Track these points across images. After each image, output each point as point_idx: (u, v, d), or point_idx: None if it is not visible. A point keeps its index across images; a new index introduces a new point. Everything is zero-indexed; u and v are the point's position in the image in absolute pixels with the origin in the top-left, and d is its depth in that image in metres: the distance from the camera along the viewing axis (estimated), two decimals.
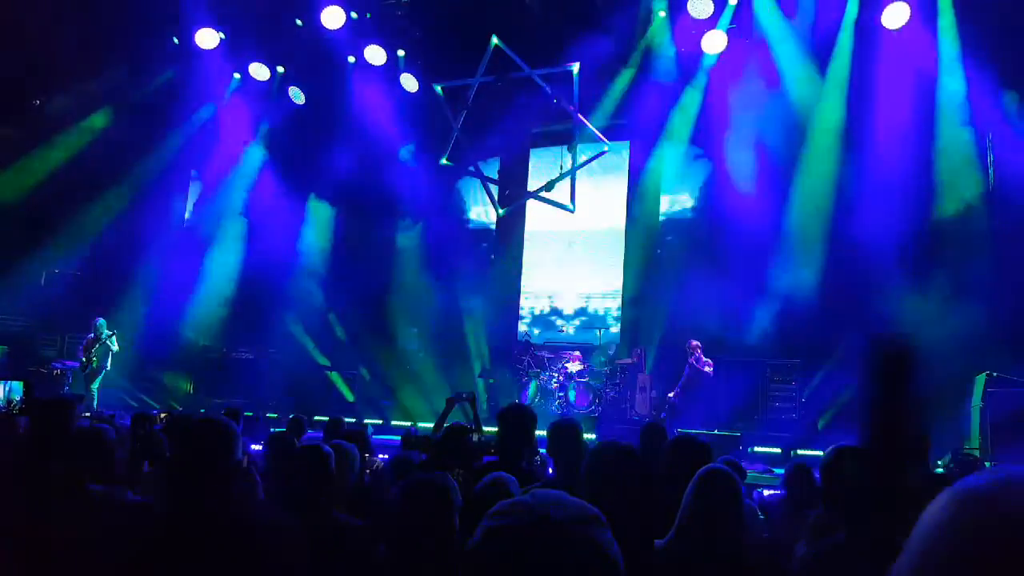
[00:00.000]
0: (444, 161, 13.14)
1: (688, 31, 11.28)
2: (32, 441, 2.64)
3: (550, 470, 4.21)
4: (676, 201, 12.07)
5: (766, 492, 6.03)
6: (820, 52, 10.63)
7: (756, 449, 9.33)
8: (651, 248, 12.35)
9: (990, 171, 9.82)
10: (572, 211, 12.90)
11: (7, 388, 5.22)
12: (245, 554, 2.03)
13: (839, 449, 2.49)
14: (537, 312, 13.54)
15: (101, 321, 11.15)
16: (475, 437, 4.86)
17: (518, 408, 4.01)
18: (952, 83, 9.89)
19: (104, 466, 2.66)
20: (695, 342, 10.01)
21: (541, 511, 0.94)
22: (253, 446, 5.60)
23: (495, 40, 11.80)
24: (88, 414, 7.54)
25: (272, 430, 9.54)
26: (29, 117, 12.89)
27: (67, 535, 2.26)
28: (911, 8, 9.94)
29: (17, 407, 5.11)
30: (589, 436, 6.26)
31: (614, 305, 12.94)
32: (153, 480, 3.01)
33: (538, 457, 4.59)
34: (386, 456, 5.48)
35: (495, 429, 4.00)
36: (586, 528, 0.94)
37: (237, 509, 2.16)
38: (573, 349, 12.26)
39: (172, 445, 2.38)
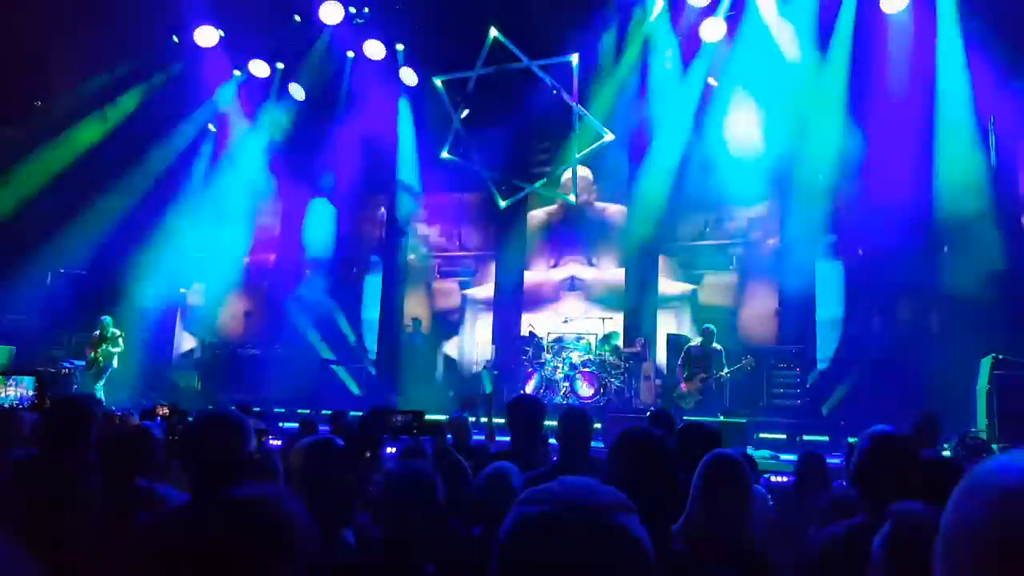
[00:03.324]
0: (444, 154, 13.15)
1: (687, 19, 11.25)
2: (54, 438, 2.67)
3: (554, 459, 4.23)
4: (677, 188, 12.03)
5: (773, 478, 6.06)
6: (821, 36, 10.59)
7: (761, 436, 9.34)
8: (653, 235, 12.33)
9: (992, 153, 9.79)
10: (573, 202, 12.92)
11: (17, 383, 5.24)
12: (262, 542, 2.05)
13: (876, 432, 2.52)
14: (541, 303, 13.52)
15: (107, 319, 11.19)
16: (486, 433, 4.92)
17: (529, 399, 4.05)
18: (953, 65, 9.85)
19: (150, 463, 2.72)
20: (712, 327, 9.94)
21: (572, 498, 0.96)
22: (272, 441, 5.63)
23: (494, 32, 11.79)
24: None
25: (280, 424, 9.60)
26: (31, 118, 12.88)
27: (111, 529, 2.29)
28: None
29: (29, 402, 5.13)
30: (595, 425, 6.26)
31: (617, 295, 12.93)
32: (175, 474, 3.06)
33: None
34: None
35: (502, 421, 4.03)
36: (617, 515, 0.95)
37: (253, 498, 2.19)
38: (577, 339, 12.27)
39: (185, 438, 2.41)
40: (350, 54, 12.87)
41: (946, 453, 6.36)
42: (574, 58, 11.96)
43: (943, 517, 0.81)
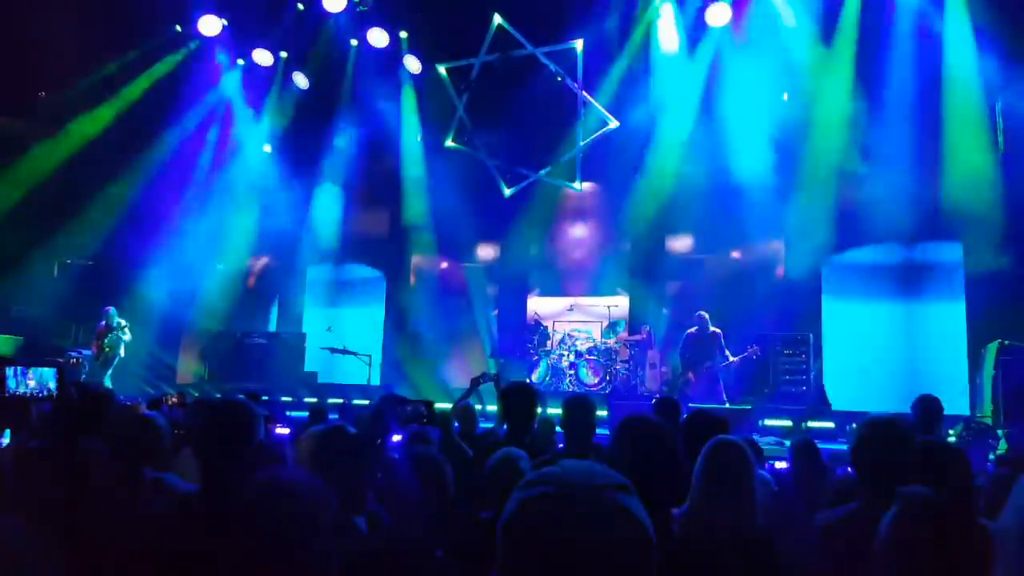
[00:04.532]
0: (449, 142, 13.13)
1: (692, 3, 11.18)
2: (68, 428, 2.70)
3: (560, 446, 4.27)
4: (683, 175, 12.00)
5: (778, 464, 6.08)
6: (827, 19, 10.52)
7: (767, 422, 9.36)
8: (659, 222, 12.32)
9: (999, 137, 9.73)
10: (578, 189, 12.90)
11: (38, 375, 5.29)
12: (273, 530, 2.09)
13: (872, 418, 2.55)
14: (545, 292, 13.52)
15: (112, 310, 11.27)
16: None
17: (521, 386, 4.13)
18: (961, 48, 9.77)
19: (158, 453, 2.76)
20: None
21: (574, 480, 0.98)
22: (279, 429, 5.68)
23: (498, 18, 11.74)
24: None
25: (287, 412, 9.65)
26: (35, 109, 12.90)
27: (122, 519, 2.33)
28: None
29: (48, 393, 5.20)
30: (600, 413, 6.29)
31: (623, 283, 12.93)
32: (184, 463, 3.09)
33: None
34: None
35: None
36: (618, 495, 0.97)
37: (264, 486, 2.22)
38: (582, 327, 12.28)
39: (195, 427, 2.45)
40: (353, 42, 12.83)
41: (952, 439, 6.38)
42: (578, 44, 11.91)
43: (1009, 510, 0.83)
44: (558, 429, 4.24)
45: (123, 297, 12.16)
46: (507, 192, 13.09)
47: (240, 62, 13.36)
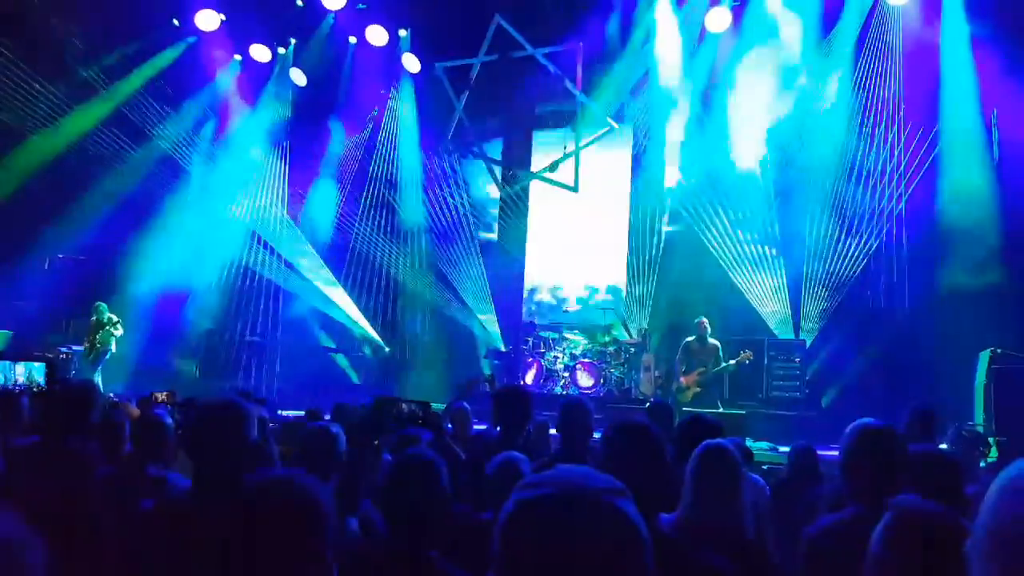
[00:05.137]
0: (447, 140, 13.12)
1: (693, 8, 11.20)
2: (57, 424, 2.68)
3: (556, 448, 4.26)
4: (681, 178, 12.01)
5: (772, 469, 6.09)
6: (826, 27, 10.56)
7: (760, 427, 9.36)
8: (656, 226, 12.34)
9: (995, 147, 9.77)
10: (576, 191, 12.90)
11: (27, 369, 5.24)
12: (270, 529, 2.07)
13: (861, 426, 2.53)
14: (542, 292, 13.53)
15: (102, 305, 11.21)
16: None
17: (514, 388, 4.12)
18: (957, 58, 9.82)
19: (163, 451, 2.74)
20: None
21: (571, 483, 0.98)
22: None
23: (498, 19, 11.74)
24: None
25: (279, 412, 9.62)
26: (30, 102, 12.81)
27: (121, 516, 2.31)
28: None
29: (38, 387, 5.16)
30: (595, 416, 6.27)
31: (619, 285, 12.93)
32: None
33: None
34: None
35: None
36: (614, 498, 0.98)
37: (260, 486, 2.21)
38: (577, 329, 12.28)
39: (188, 426, 2.44)
40: (352, 40, 12.80)
41: (943, 446, 6.38)
42: (579, 46, 11.91)
43: (982, 515, 0.83)
44: (552, 432, 4.24)
45: (115, 293, 12.08)
46: (504, 192, 13.09)
47: (237, 58, 13.31)
